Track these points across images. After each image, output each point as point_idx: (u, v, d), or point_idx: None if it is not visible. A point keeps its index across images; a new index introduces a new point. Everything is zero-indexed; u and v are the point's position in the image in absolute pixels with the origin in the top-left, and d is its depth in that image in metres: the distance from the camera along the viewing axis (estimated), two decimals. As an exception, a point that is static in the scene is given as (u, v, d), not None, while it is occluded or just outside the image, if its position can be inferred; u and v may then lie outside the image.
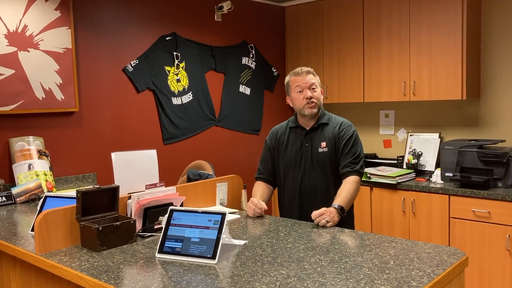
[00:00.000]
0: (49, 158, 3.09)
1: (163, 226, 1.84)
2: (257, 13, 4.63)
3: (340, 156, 2.46)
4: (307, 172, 2.48)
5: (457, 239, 3.41)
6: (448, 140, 3.91)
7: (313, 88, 2.46)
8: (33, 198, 2.85)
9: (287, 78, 2.56)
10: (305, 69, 2.50)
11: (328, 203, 2.28)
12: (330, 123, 2.52)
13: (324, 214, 2.15)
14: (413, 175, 3.88)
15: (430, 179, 3.75)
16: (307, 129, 2.52)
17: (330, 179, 2.48)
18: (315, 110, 2.47)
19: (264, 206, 2.37)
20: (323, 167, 2.47)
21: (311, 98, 2.44)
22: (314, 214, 2.17)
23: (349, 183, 2.37)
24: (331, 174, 2.48)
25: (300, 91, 2.47)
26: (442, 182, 3.62)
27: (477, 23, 3.79)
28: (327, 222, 2.13)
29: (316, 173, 2.47)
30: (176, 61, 3.93)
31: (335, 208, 2.21)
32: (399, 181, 3.72)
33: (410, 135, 4.21)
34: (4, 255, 2.15)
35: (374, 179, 3.84)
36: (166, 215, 1.86)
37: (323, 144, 2.47)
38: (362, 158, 2.47)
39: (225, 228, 1.78)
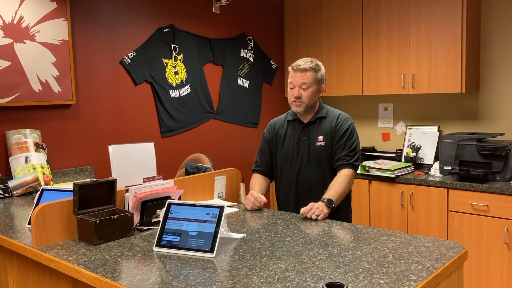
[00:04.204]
0: (46, 151, 3.08)
1: (161, 220, 1.83)
2: (256, 5, 4.59)
3: (336, 149, 2.44)
4: (304, 166, 2.47)
5: (456, 233, 3.41)
6: (447, 133, 3.90)
7: (303, 88, 2.42)
8: (30, 191, 2.84)
9: (289, 68, 2.53)
10: (302, 65, 2.42)
11: (325, 197, 2.28)
12: (328, 116, 2.50)
13: (312, 209, 2.16)
14: (411, 168, 3.88)
15: (429, 172, 3.74)
16: (305, 122, 2.50)
17: (327, 173, 2.46)
18: (299, 109, 2.44)
19: (264, 199, 2.37)
20: (320, 161, 2.46)
21: (298, 97, 2.42)
22: (303, 210, 2.18)
23: (341, 177, 2.37)
24: (328, 168, 2.47)
25: (291, 88, 2.46)
26: (441, 175, 3.62)
27: (477, 16, 3.77)
28: (317, 216, 2.14)
29: (313, 167, 2.46)
30: (174, 54, 3.90)
31: (323, 201, 2.21)
32: (397, 174, 3.71)
33: (409, 128, 4.19)
34: (1, 248, 2.14)
35: (372, 172, 3.83)
36: (164, 209, 1.85)
37: (320, 138, 2.46)
38: (358, 151, 2.45)
39: (223, 222, 1.77)
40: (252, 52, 4.56)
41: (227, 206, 2.33)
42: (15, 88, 3.00)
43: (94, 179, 1.98)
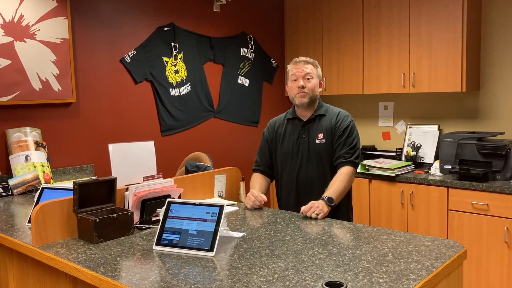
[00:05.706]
0: (46, 149, 3.08)
1: (161, 218, 1.83)
2: (256, 4, 4.59)
3: (336, 146, 2.44)
4: (304, 164, 2.47)
5: (456, 232, 3.41)
6: (447, 132, 3.90)
7: (307, 78, 2.43)
8: (30, 190, 2.84)
9: (288, 67, 2.54)
10: (303, 58, 2.48)
11: (325, 195, 2.28)
12: (327, 114, 2.50)
13: (313, 208, 2.16)
14: (411, 167, 3.88)
15: (429, 171, 3.74)
16: (304, 120, 2.50)
17: (327, 170, 2.46)
18: (305, 100, 2.43)
19: (264, 198, 2.36)
20: (320, 158, 2.46)
21: (303, 87, 2.42)
22: (303, 209, 2.18)
23: (341, 175, 2.36)
24: (328, 165, 2.47)
25: (294, 80, 2.46)
26: (441, 174, 3.62)
27: (477, 15, 3.76)
28: (317, 214, 2.14)
29: (313, 165, 2.46)
30: (174, 52, 3.90)
31: (323, 199, 2.21)
32: (397, 173, 3.71)
33: (409, 127, 4.19)
34: (1, 246, 2.14)
35: (372, 171, 3.83)
36: (164, 207, 1.85)
37: (320, 135, 2.46)
38: (358, 149, 2.45)
39: (223, 220, 1.77)
40: (252, 50, 4.55)
41: (227, 205, 2.32)
42: (15, 87, 3.00)
43: (94, 178, 1.98)
